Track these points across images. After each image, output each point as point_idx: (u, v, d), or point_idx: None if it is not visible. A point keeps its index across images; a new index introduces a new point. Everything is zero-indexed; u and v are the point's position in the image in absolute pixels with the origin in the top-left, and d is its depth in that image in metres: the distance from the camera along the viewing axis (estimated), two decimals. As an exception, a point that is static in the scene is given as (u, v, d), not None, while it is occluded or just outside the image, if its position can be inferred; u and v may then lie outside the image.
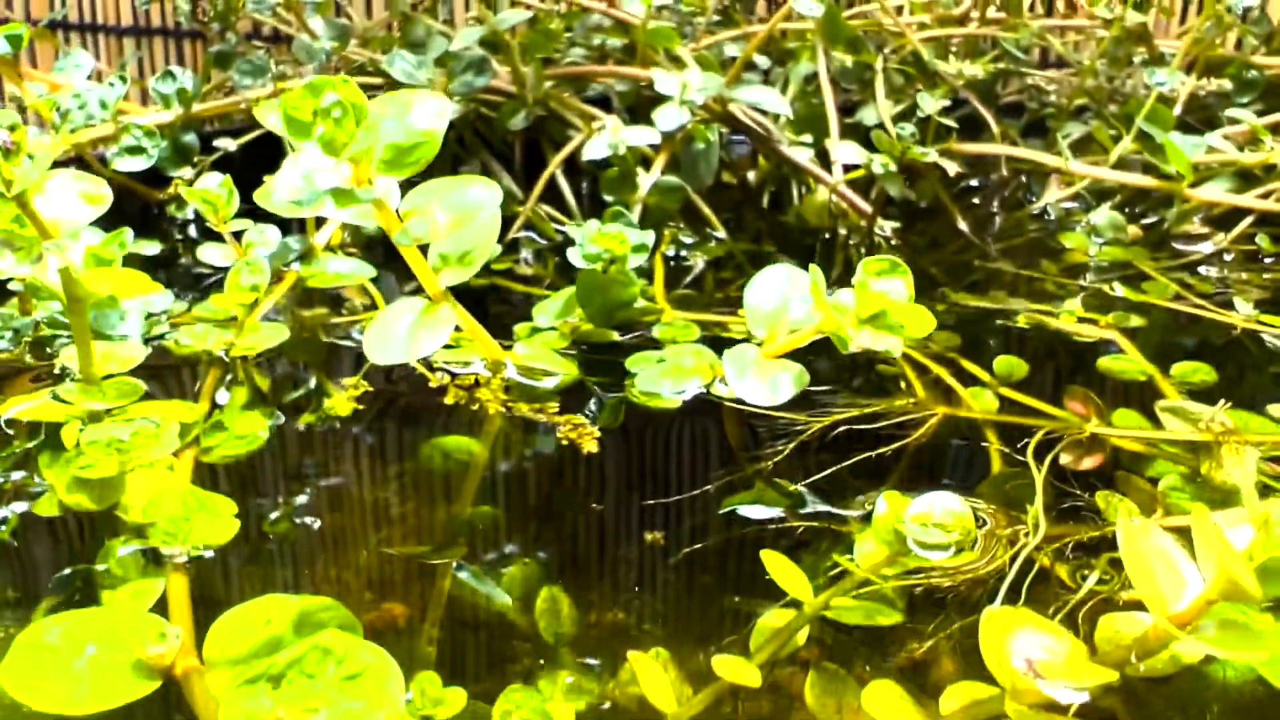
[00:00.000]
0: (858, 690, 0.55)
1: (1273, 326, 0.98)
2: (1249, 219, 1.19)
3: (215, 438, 0.79)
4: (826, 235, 1.20)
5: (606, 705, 0.57)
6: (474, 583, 0.68)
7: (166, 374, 0.89)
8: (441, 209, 0.59)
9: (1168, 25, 1.63)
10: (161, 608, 0.63)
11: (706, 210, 1.21)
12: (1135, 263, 1.15)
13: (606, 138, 1.13)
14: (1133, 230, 1.23)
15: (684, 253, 1.17)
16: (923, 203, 1.32)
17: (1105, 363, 0.92)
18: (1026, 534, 0.66)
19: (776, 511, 0.74)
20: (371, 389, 0.84)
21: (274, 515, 0.72)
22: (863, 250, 1.18)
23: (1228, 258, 1.17)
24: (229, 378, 0.87)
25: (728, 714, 0.56)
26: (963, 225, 1.25)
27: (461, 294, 1.06)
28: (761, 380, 0.69)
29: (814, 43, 1.31)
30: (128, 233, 0.91)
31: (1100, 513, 0.68)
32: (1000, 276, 1.15)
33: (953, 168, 1.26)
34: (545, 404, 0.79)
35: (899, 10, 1.45)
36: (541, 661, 0.59)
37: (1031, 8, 1.64)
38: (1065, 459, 0.76)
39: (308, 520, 0.73)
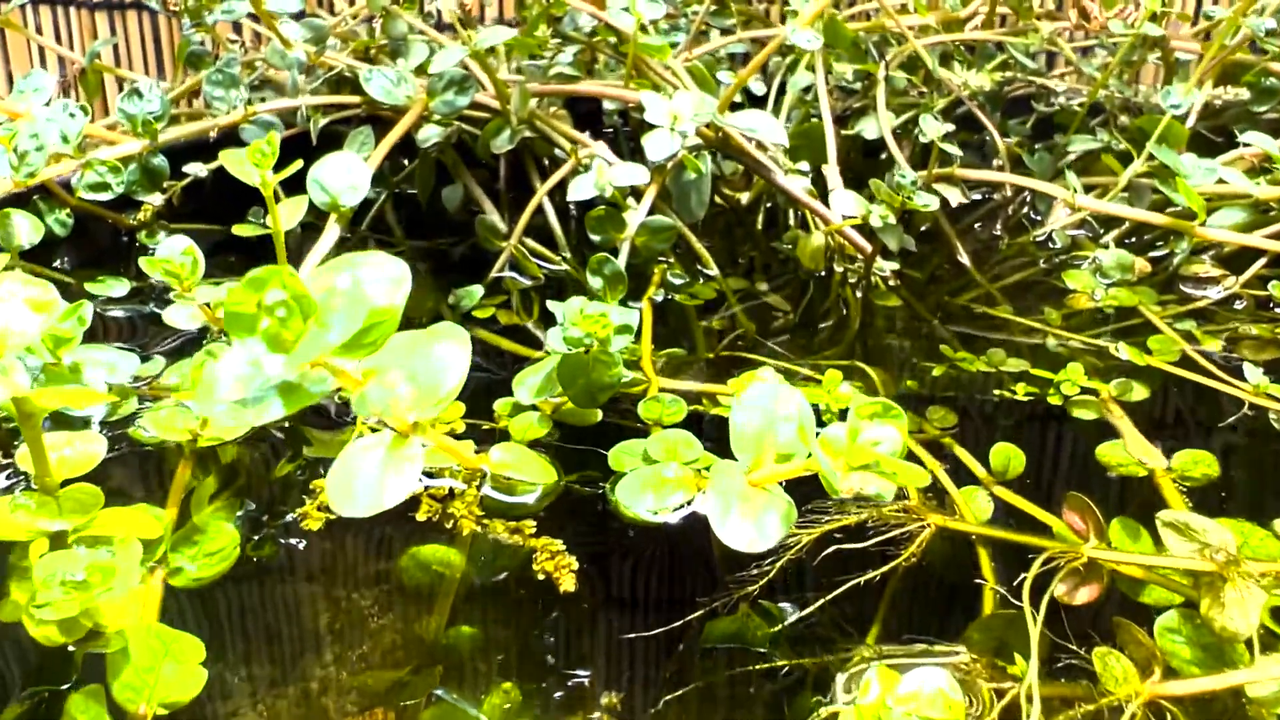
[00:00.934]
0: None
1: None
2: (1261, 261, 1.14)
3: (184, 554, 0.76)
4: (822, 274, 1.16)
5: None
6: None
7: (133, 462, 0.86)
8: (405, 379, 0.56)
9: (1178, 25, 1.55)
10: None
11: (698, 246, 1.16)
12: (1142, 308, 1.11)
13: (592, 178, 1.08)
14: (1140, 265, 1.18)
15: (674, 295, 1.13)
16: (923, 226, 1.27)
17: (1104, 454, 0.88)
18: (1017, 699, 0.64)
19: (761, 645, 0.72)
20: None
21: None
22: (859, 292, 1.14)
23: (1238, 305, 1.13)
24: (198, 473, 0.84)
25: None
26: (964, 259, 1.21)
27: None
28: (748, 520, 0.66)
29: (812, 57, 1.25)
30: (86, 307, 0.88)
31: (1096, 678, 0.65)
32: (1001, 329, 1.10)
33: (955, 196, 1.21)
34: (523, 523, 0.76)
35: (902, 9, 1.38)
36: None
37: (1041, 3, 1.56)
38: (1061, 591, 0.73)
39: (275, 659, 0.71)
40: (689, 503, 0.76)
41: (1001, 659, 0.69)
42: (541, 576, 0.73)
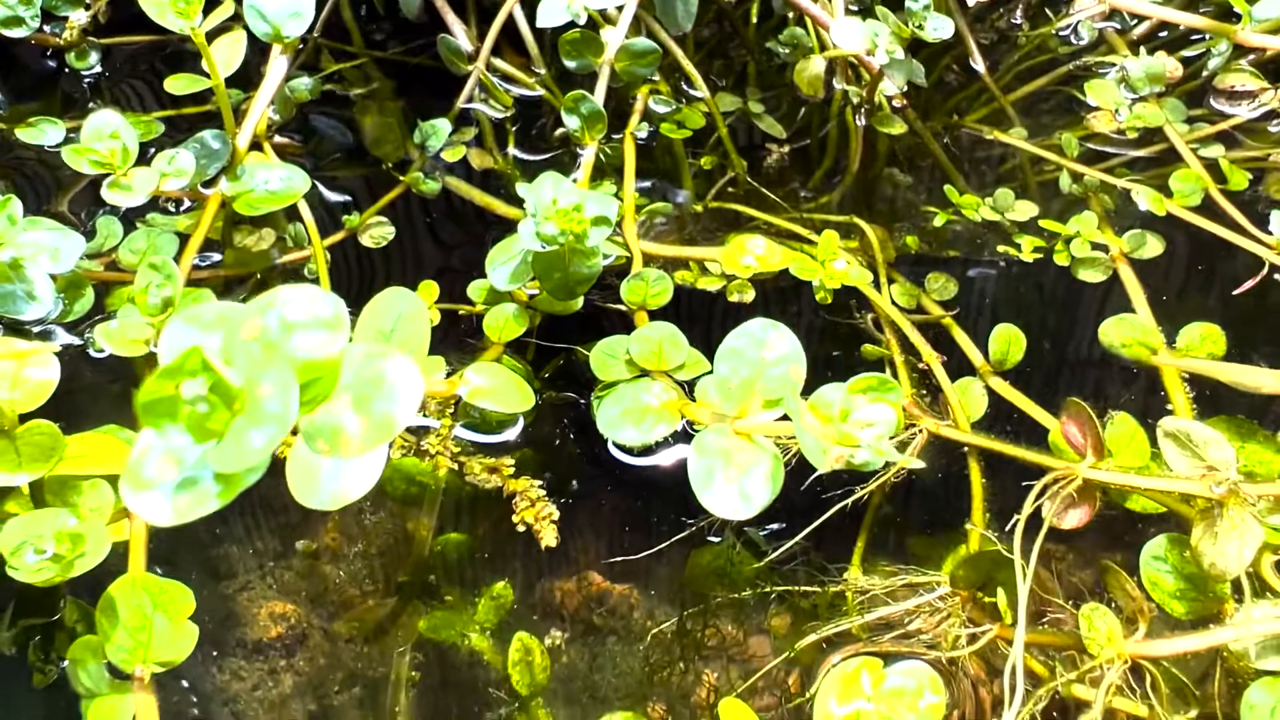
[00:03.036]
0: None
1: (1303, 260, 0.89)
2: (1304, 71, 1.03)
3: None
4: (822, 98, 1.05)
5: None
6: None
7: (92, 374, 0.82)
8: (352, 408, 0.51)
9: None
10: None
11: (686, 64, 1.05)
12: (1168, 128, 1.02)
13: (563, 1, 0.96)
14: (1171, 69, 1.07)
15: (659, 125, 1.03)
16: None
17: (1107, 335, 0.84)
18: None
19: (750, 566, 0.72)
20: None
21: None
22: (861, 118, 1.04)
23: (1274, 125, 1.04)
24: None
25: None
26: (978, 63, 1.10)
27: (400, 214, 0.96)
28: (731, 484, 0.63)
29: None
30: (14, 204, 0.81)
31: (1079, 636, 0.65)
32: (1013, 158, 1.02)
33: (972, -5, 1.08)
34: (500, 461, 0.73)
35: None
36: None
37: None
38: (1051, 511, 0.72)
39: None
40: (672, 438, 0.73)
41: (987, 599, 0.69)
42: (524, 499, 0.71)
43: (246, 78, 0.98)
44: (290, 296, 0.47)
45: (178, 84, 0.91)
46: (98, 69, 1.10)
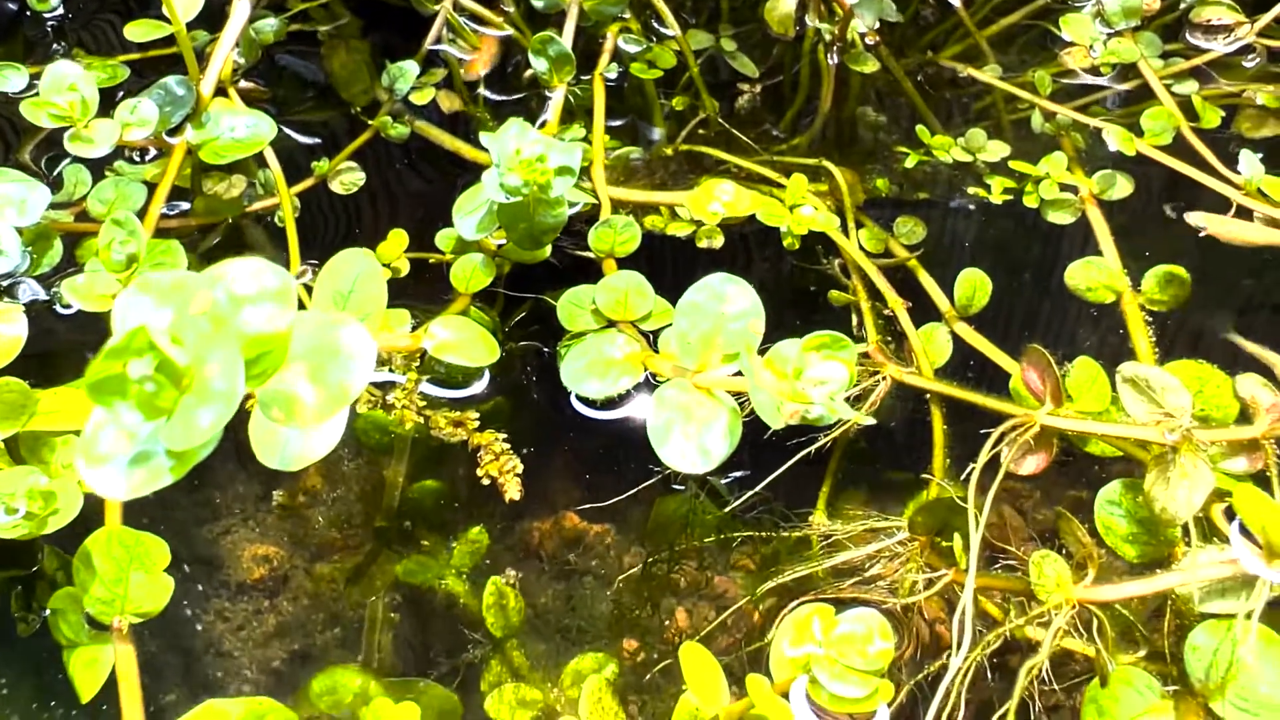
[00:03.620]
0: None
1: (1272, 200, 0.89)
2: (1281, 5, 1.02)
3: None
4: (793, 36, 1.04)
5: None
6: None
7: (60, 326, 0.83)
8: (306, 377, 0.51)
9: None
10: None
11: (658, 1, 1.03)
12: (1142, 64, 1.01)
13: (530, -60, 0.94)
14: (1148, 1, 1.06)
15: (630, 66, 1.02)
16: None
17: (1073, 278, 0.84)
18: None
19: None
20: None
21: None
22: (833, 56, 1.03)
23: (1249, 61, 1.03)
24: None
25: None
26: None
27: (368, 158, 0.95)
28: (690, 440, 0.64)
29: None
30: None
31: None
32: (986, 95, 1.01)
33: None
34: (465, 415, 0.74)
35: None
36: None
37: None
38: (1009, 457, 0.73)
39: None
40: (634, 388, 0.74)
41: (943, 543, 0.71)
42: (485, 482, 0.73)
43: (211, 19, 0.97)
44: (238, 271, 0.47)
45: (137, 30, 0.90)
46: (60, 10, 1.08)
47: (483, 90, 1.02)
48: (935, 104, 1.01)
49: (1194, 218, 0.79)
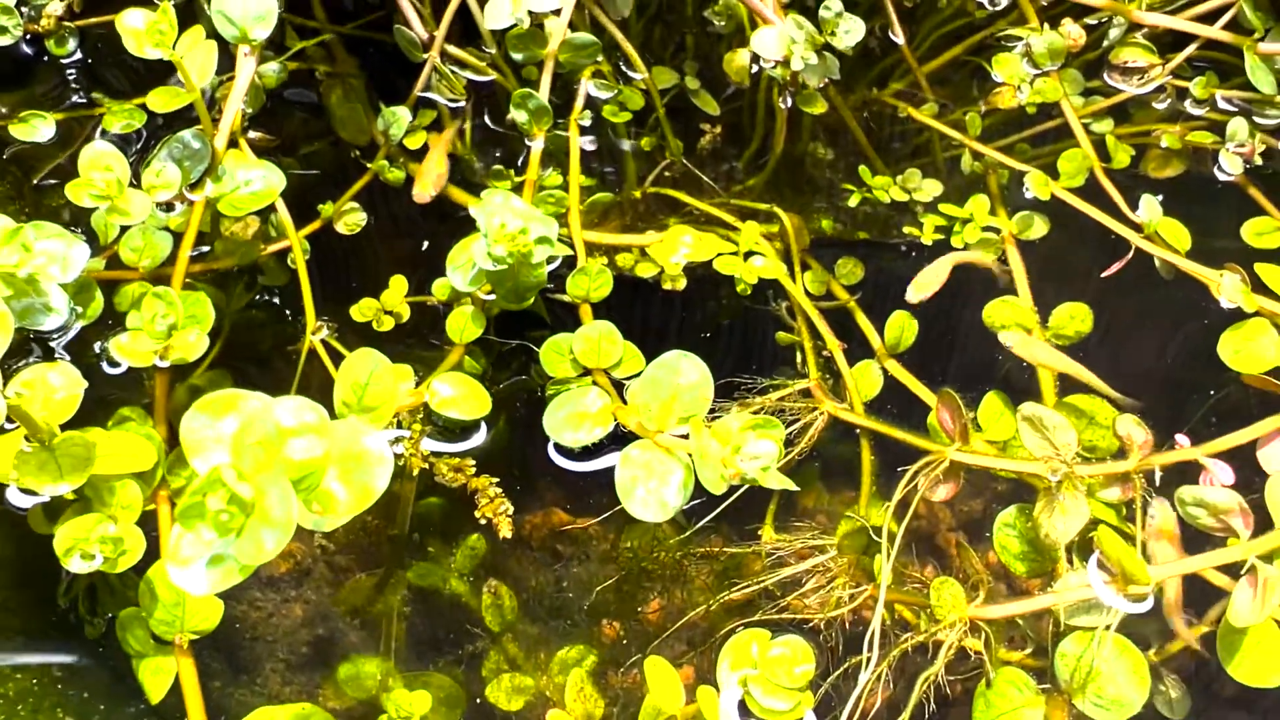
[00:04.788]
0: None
1: (1167, 245, 1.00)
2: (1192, 46, 1.12)
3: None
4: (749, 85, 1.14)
5: None
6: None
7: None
8: (339, 479, 0.64)
9: None
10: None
11: (627, 46, 1.13)
12: (1064, 104, 1.11)
13: (507, 5, 1.03)
14: (1075, 36, 1.16)
15: (603, 109, 1.13)
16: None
17: (990, 315, 0.97)
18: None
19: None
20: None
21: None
22: (786, 100, 1.13)
23: (1160, 102, 1.14)
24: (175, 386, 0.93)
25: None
26: (899, 37, 1.18)
27: (372, 191, 1.06)
28: (651, 495, 0.77)
29: None
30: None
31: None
32: (923, 132, 1.12)
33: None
34: (464, 461, 0.87)
35: None
36: None
37: None
38: (923, 485, 0.86)
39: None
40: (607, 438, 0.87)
41: (864, 562, 0.85)
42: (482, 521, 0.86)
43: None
44: (284, 410, 0.60)
45: (159, 100, 1.00)
46: (78, 54, 1.17)
47: (471, 132, 1.12)
48: (879, 140, 1.12)
49: (1006, 338, 0.93)
